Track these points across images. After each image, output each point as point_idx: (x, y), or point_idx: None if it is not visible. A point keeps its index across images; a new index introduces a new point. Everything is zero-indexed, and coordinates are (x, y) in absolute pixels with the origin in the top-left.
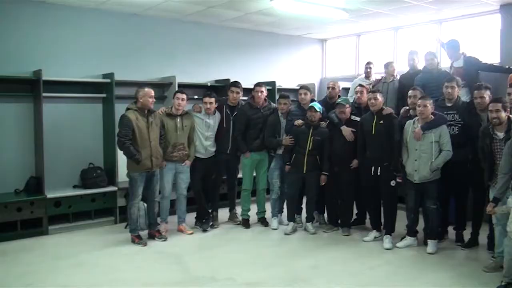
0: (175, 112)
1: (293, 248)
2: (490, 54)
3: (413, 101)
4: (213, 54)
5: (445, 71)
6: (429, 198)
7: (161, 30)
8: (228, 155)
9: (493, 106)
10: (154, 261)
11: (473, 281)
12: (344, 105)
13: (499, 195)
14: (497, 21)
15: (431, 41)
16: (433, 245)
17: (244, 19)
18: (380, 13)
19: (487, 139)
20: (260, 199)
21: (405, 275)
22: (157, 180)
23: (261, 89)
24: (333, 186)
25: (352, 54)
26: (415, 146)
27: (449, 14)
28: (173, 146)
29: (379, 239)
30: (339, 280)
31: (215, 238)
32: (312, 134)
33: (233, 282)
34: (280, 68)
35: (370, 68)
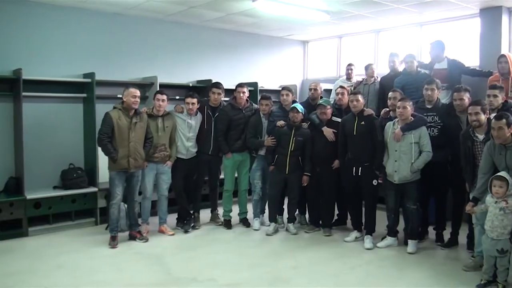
0: (156, 113)
1: (275, 248)
2: (470, 57)
3: (393, 103)
4: (195, 55)
5: (425, 73)
6: (409, 199)
7: (143, 30)
8: (210, 156)
9: (473, 109)
10: (135, 262)
11: (453, 280)
12: (326, 106)
13: (478, 195)
14: (477, 25)
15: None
16: (413, 245)
17: (226, 19)
18: (361, 16)
19: (468, 142)
20: (242, 200)
21: (385, 275)
22: (137, 181)
23: (243, 90)
24: (315, 187)
25: (334, 55)
26: (395, 147)
27: (429, 17)
28: (154, 147)
29: (360, 239)
30: (320, 280)
31: (197, 239)
32: (294, 135)
33: (214, 283)
34: (262, 69)
35: (352, 70)
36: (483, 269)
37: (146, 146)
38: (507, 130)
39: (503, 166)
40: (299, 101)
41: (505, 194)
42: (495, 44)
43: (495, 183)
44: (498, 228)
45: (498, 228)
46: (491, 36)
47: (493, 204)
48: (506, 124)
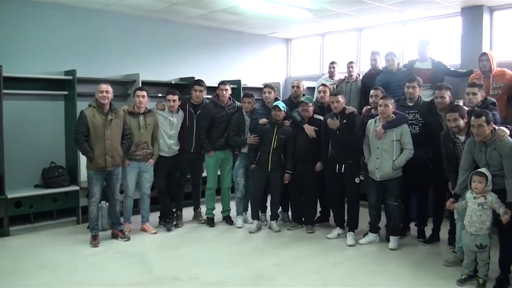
0: (137, 110)
1: (258, 246)
2: (451, 56)
3: (374, 101)
4: (178, 52)
5: (405, 70)
6: (391, 196)
7: (125, 26)
8: (192, 153)
9: (451, 116)
10: (117, 261)
11: (434, 276)
12: (308, 103)
13: (459, 191)
14: (458, 24)
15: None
16: (395, 241)
17: (209, 17)
18: (344, 14)
19: (450, 144)
20: (224, 198)
21: (367, 271)
22: (116, 179)
23: (225, 88)
24: (297, 184)
25: (317, 53)
26: (377, 144)
27: (411, 16)
28: (136, 145)
29: (343, 236)
30: (302, 277)
31: (179, 237)
32: (277, 132)
33: (196, 281)
34: (246, 67)
35: (334, 68)
36: (464, 264)
37: (124, 143)
38: (487, 127)
39: (483, 163)
40: (282, 98)
41: (484, 189)
42: (477, 42)
43: (474, 178)
44: (476, 223)
45: (477, 223)
46: (473, 34)
47: (472, 199)
48: (486, 122)
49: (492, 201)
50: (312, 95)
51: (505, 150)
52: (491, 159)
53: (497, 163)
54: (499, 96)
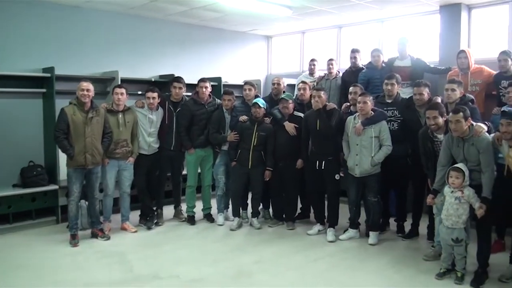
0: (116, 107)
1: (238, 243)
2: (430, 53)
3: (353, 97)
4: (158, 49)
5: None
6: (370, 192)
7: (104, 23)
8: (172, 151)
9: (430, 113)
10: (97, 261)
11: (414, 270)
12: (288, 100)
13: (438, 187)
14: (437, 21)
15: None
16: (374, 236)
17: (189, 14)
18: (324, 11)
19: (428, 142)
20: (205, 196)
21: (347, 266)
22: (96, 177)
23: (205, 85)
24: (278, 181)
25: (297, 51)
26: (356, 141)
27: (390, 14)
28: (116, 143)
29: (323, 232)
30: (283, 273)
31: (160, 235)
32: (257, 130)
33: (177, 279)
34: (226, 64)
35: (314, 65)
36: (442, 258)
37: (104, 142)
38: (464, 123)
39: (461, 158)
40: (263, 96)
41: (461, 185)
42: (455, 40)
43: (451, 174)
44: (452, 216)
45: (453, 216)
46: (451, 32)
47: (450, 193)
48: (463, 118)
49: (469, 195)
50: (292, 92)
51: (482, 146)
52: (469, 154)
53: (475, 158)
54: (477, 92)
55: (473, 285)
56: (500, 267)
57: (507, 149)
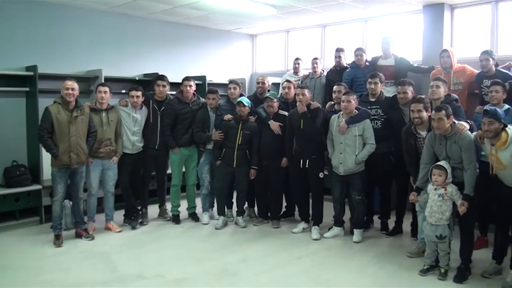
0: (99, 106)
1: (223, 242)
2: (413, 52)
3: (337, 96)
4: (142, 48)
5: (371, 66)
6: (354, 189)
7: (88, 21)
8: (157, 150)
9: (415, 107)
10: (81, 261)
11: (397, 266)
12: (272, 99)
13: (421, 185)
14: (420, 21)
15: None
16: (358, 234)
17: (173, 12)
18: (308, 10)
19: (411, 139)
20: (190, 195)
21: (331, 264)
22: (81, 177)
23: (189, 83)
24: (263, 180)
25: (282, 50)
26: (340, 139)
27: (374, 13)
28: (99, 142)
29: (308, 230)
30: (267, 271)
31: (144, 235)
32: (242, 128)
33: (162, 279)
34: (211, 63)
35: (299, 64)
36: (425, 255)
37: (89, 141)
38: (447, 121)
39: (443, 156)
40: (247, 94)
41: (444, 182)
42: (438, 39)
43: (434, 171)
44: (436, 213)
45: (437, 213)
46: (434, 31)
47: (433, 190)
48: (446, 116)
49: (452, 192)
50: (277, 91)
51: (464, 144)
52: (451, 152)
53: (457, 156)
54: (460, 91)
55: (456, 281)
56: (483, 263)
57: (489, 147)
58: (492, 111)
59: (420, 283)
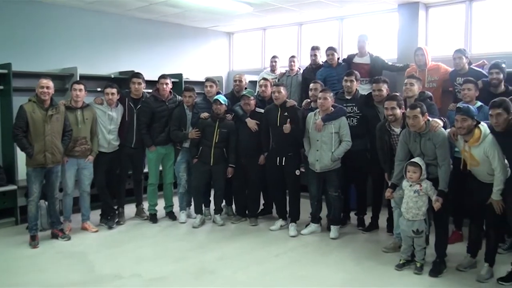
0: (74, 104)
1: (201, 240)
2: (389, 50)
3: (314, 94)
4: (118, 45)
5: (345, 65)
6: (330, 186)
7: (63, 18)
8: (133, 149)
9: (389, 104)
10: (57, 262)
11: (374, 262)
12: (249, 97)
13: (396, 181)
14: (395, 19)
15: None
16: (335, 230)
17: (149, 9)
18: (284, 8)
19: (385, 136)
20: (167, 193)
21: (308, 260)
22: (56, 176)
23: (166, 81)
24: (241, 178)
25: (258, 47)
26: (316, 137)
27: (350, 11)
28: (75, 141)
29: (285, 227)
30: (245, 269)
31: (121, 234)
32: (218, 126)
33: (139, 278)
34: (187, 61)
35: (276, 62)
36: (402, 250)
37: (64, 140)
38: (422, 118)
39: (418, 153)
40: (225, 92)
41: (419, 178)
42: (412, 37)
43: (409, 168)
44: (413, 209)
45: (413, 209)
46: (409, 30)
47: (408, 187)
48: (420, 113)
49: (427, 188)
50: (254, 89)
51: (438, 141)
52: (425, 149)
53: (431, 152)
54: (434, 89)
55: (432, 275)
56: (458, 256)
57: (463, 144)
58: (465, 108)
59: (396, 278)
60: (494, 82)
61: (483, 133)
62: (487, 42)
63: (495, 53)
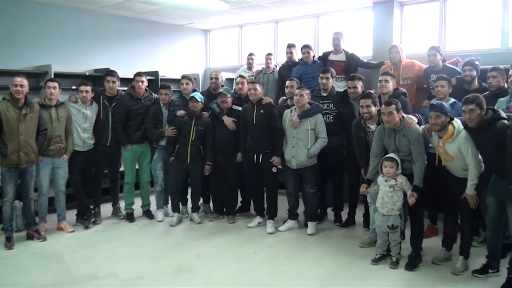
0: (48, 102)
1: (178, 239)
2: (364, 47)
3: (290, 91)
4: (93, 42)
5: (320, 63)
6: (307, 183)
7: (36, 15)
8: (109, 147)
9: (364, 102)
10: (34, 263)
11: (351, 257)
12: (226, 95)
13: (371, 177)
14: (370, 17)
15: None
16: (312, 226)
17: (125, 6)
18: (260, 6)
19: (361, 133)
20: (144, 192)
21: (285, 256)
22: (31, 176)
23: (141, 79)
24: (218, 175)
25: (235, 45)
26: (293, 134)
27: (326, 9)
28: (49, 139)
29: (263, 224)
30: (223, 266)
31: (98, 234)
32: (195, 124)
33: (116, 278)
34: (164, 58)
35: (252, 59)
36: (377, 245)
37: (39, 139)
38: (396, 115)
39: (392, 149)
40: (201, 90)
41: (395, 173)
42: (387, 35)
43: (385, 164)
44: (388, 204)
45: (388, 204)
46: (384, 27)
47: (384, 182)
48: (395, 110)
49: (402, 182)
50: (231, 86)
51: (413, 137)
52: (400, 145)
53: (406, 148)
54: (409, 86)
55: (408, 269)
56: (433, 250)
57: (437, 140)
58: (438, 105)
59: (373, 272)
60: (468, 79)
61: (457, 129)
62: (461, 39)
63: (469, 50)
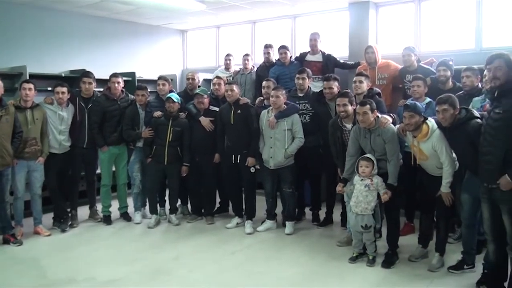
0: (24, 104)
1: (156, 241)
2: (340, 48)
3: (266, 92)
4: (68, 43)
5: (297, 63)
6: (285, 183)
7: (11, 15)
8: (85, 149)
9: (340, 101)
10: (10, 268)
11: (328, 256)
12: (203, 95)
13: (347, 176)
14: (346, 18)
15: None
16: (290, 226)
17: (101, 6)
18: (237, 6)
19: (338, 132)
20: (121, 194)
21: (264, 257)
22: (6, 180)
23: (117, 80)
24: (196, 176)
25: (213, 45)
26: (270, 134)
27: (302, 10)
28: (24, 142)
29: (241, 224)
30: (201, 267)
31: (75, 237)
32: (172, 125)
33: (93, 281)
34: (140, 59)
35: (230, 60)
36: (353, 244)
37: (14, 142)
38: (371, 115)
39: (368, 149)
40: (179, 91)
41: (370, 173)
42: (363, 36)
43: (361, 163)
44: (362, 203)
45: (362, 203)
46: (359, 28)
47: (359, 181)
48: (370, 110)
49: (378, 183)
50: (209, 87)
51: (388, 136)
52: (375, 144)
53: (381, 148)
54: (384, 86)
55: (384, 266)
56: (410, 247)
57: (412, 139)
58: (412, 105)
59: (350, 270)
60: (442, 79)
61: (431, 128)
62: (435, 40)
63: (443, 51)
